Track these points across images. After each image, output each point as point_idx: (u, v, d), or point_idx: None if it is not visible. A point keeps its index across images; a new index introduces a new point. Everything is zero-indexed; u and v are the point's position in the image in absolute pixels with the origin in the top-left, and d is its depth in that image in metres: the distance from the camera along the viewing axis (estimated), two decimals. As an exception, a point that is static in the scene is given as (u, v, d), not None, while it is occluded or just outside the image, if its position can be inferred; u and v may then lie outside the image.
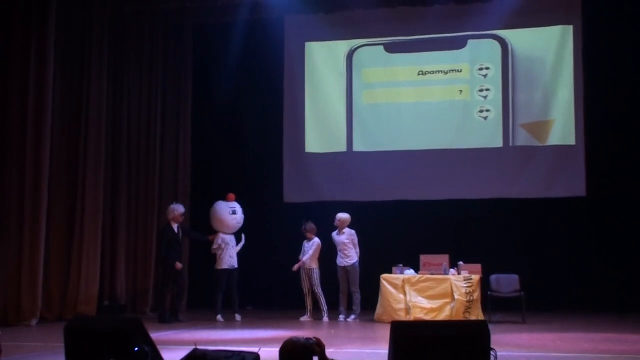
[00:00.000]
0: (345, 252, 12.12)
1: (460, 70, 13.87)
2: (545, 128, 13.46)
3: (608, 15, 13.24)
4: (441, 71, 13.94)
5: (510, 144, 13.55)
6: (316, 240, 12.29)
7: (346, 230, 12.24)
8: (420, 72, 14.03)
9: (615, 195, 13.20)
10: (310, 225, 12.33)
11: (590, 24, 13.33)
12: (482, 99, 13.71)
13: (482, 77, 13.73)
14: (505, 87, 13.64)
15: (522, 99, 13.57)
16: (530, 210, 13.39)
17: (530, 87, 13.57)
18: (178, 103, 14.49)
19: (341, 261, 12.16)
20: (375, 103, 14.22)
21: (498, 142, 13.59)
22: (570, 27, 13.44)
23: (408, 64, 14.10)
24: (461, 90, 13.83)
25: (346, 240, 12.15)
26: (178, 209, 12.39)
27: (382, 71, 14.24)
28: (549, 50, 13.55)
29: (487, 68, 13.71)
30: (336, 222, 12.26)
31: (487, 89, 13.69)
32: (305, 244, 12.34)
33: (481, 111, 13.69)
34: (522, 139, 13.52)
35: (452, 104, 13.84)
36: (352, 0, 13.48)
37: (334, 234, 12.29)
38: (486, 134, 13.64)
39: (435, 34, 13.91)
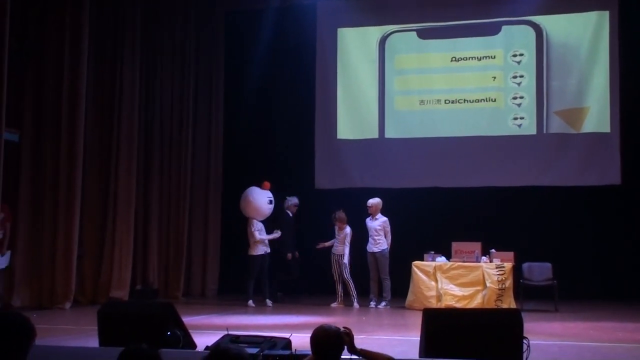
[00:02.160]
0: (376, 238, 12.10)
1: (494, 57, 13.73)
2: (580, 115, 13.28)
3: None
4: (475, 57, 13.81)
5: (545, 132, 13.41)
6: (348, 230, 12.25)
7: (379, 216, 12.21)
8: (454, 59, 13.90)
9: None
10: (341, 215, 12.27)
11: (627, 10, 13.11)
12: (516, 85, 13.56)
13: (516, 64, 13.58)
14: (539, 74, 13.46)
15: (557, 86, 13.40)
16: (564, 198, 13.25)
17: (565, 74, 13.38)
18: (210, 90, 14.52)
19: (371, 247, 12.14)
20: (407, 89, 14.14)
21: (532, 130, 13.46)
22: (607, 13, 13.21)
23: (441, 50, 13.97)
24: (495, 77, 13.70)
25: (378, 227, 12.12)
26: (292, 200, 12.68)
27: (415, 57, 14.13)
28: (584, 36, 13.34)
29: (521, 54, 13.55)
30: (369, 209, 12.25)
31: (521, 76, 13.53)
32: (337, 233, 12.32)
33: (515, 98, 13.55)
34: (557, 126, 13.36)
35: (485, 90, 13.73)
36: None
37: (368, 219, 12.27)
38: (520, 121, 13.51)
39: (469, 19, 13.77)
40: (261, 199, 12.62)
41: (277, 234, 12.49)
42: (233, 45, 14.81)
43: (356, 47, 14.41)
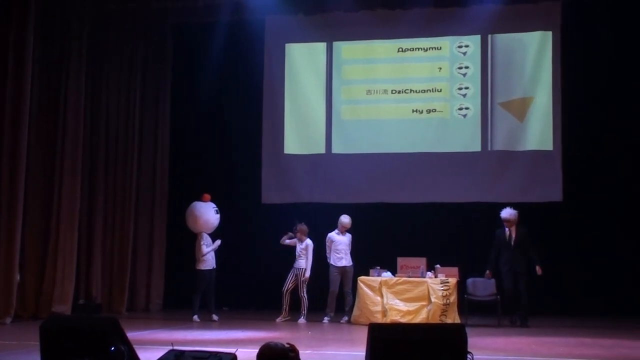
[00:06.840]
0: (347, 252, 12.19)
1: (440, 48, 13.97)
2: (523, 105, 13.54)
3: (587, 22, 13.32)
4: (421, 48, 14.02)
5: (489, 148, 13.63)
6: (309, 242, 12.22)
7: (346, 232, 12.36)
8: (400, 49, 14.11)
9: (592, 200, 13.28)
10: (302, 227, 12.23)
11: (569, 31, 13.42)
12: (462, 76, 13.80)
13: (462, 55, 13.84)
14: (484, 67, 13.73)
15: (501, 79, 13.67)
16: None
17: (509, 91, 13.66)
18: (157, 103, 14.43)
19: (342, 262, 12.13)
20: (354, 79, 14.24)
21: (476, 143, 13.65)
22: (550, 33, 13.53)
23: (388, 41, 14.14)
24: (440, 68, 13.92)
25: (349, 242, 12.27)
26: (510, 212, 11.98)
27: (362, 48, 14.30)
28: (527, 55, 13.63)
29: (466, 46, 13.83)
30: (347, 225, 12.29)
31: (467, 67, 13.79)
32: (298, 245, 12.22)
33: (460, 88, 13.77)
34: (501, 117, 13.58)
35: (431, 80, 13.92)
36: (332, 3, 13.52)
37: (335, 234, 12.27)
38: (465, 111, 13.69)
39: (417, 37, 13.99)
40: (208, 211, 12.55)
41: (217, 243, 12.38)
42: (181, 57, 14.75)
43: (304, 62, 14.49)
